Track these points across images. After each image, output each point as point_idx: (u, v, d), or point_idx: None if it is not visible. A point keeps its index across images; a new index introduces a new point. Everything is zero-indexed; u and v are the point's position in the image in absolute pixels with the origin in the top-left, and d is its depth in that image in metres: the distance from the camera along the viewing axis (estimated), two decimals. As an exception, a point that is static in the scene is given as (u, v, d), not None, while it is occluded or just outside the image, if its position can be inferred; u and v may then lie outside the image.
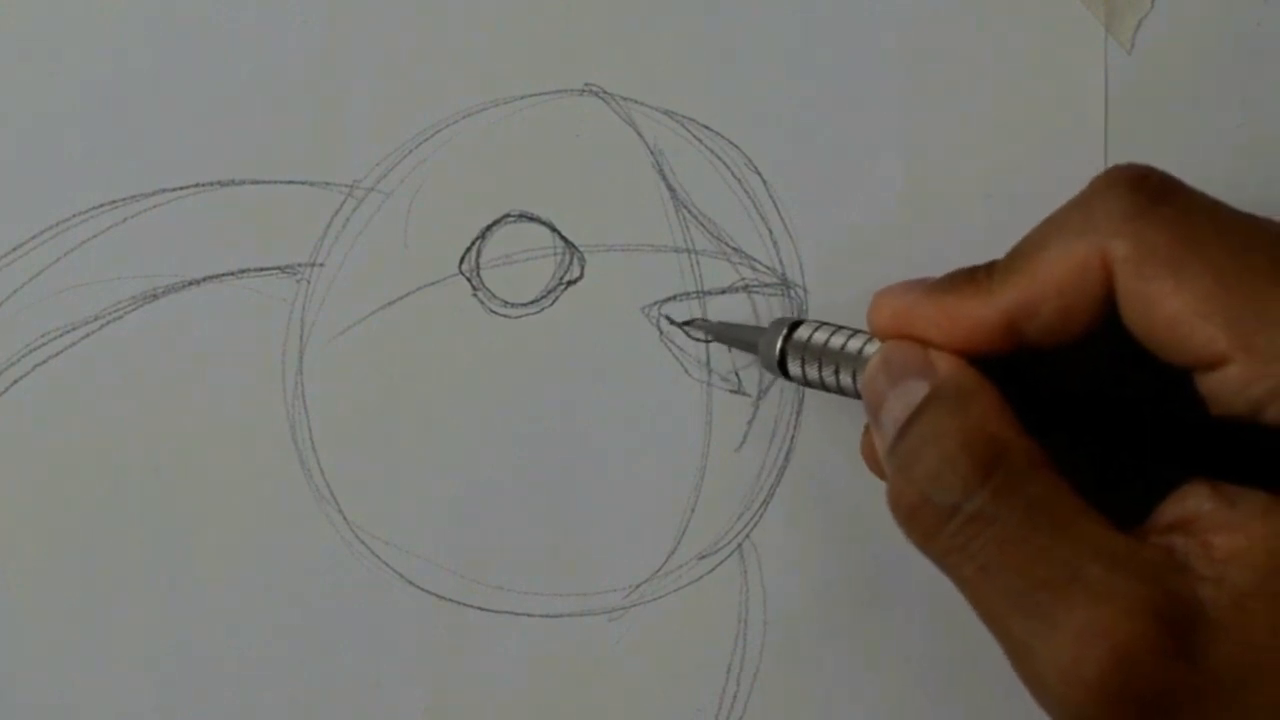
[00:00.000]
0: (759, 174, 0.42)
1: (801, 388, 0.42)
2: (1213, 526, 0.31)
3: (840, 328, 0.38)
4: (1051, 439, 0.33)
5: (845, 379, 0.37)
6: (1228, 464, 0.32)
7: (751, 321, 0.42)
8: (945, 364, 0.34)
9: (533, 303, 0.42)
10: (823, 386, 0.38)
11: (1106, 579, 0.30)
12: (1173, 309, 0.31)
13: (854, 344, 0.37)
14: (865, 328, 0.38)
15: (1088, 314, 0.33)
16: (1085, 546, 0.30)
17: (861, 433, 0.38)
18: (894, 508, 0.33)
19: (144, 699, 0.41)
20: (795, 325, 0.38)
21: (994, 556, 0.31)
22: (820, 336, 0.38)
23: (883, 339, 0.36)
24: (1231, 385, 0.31)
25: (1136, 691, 0.29)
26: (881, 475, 0.35)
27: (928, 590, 0.42)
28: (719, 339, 0.41)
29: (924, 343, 0.35)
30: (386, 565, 0.41)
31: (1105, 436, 0.34)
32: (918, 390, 0.34)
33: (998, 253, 0.36)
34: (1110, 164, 0.42)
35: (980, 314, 0.34)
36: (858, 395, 0.37)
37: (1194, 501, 0.31)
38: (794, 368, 0.38)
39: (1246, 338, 0.31)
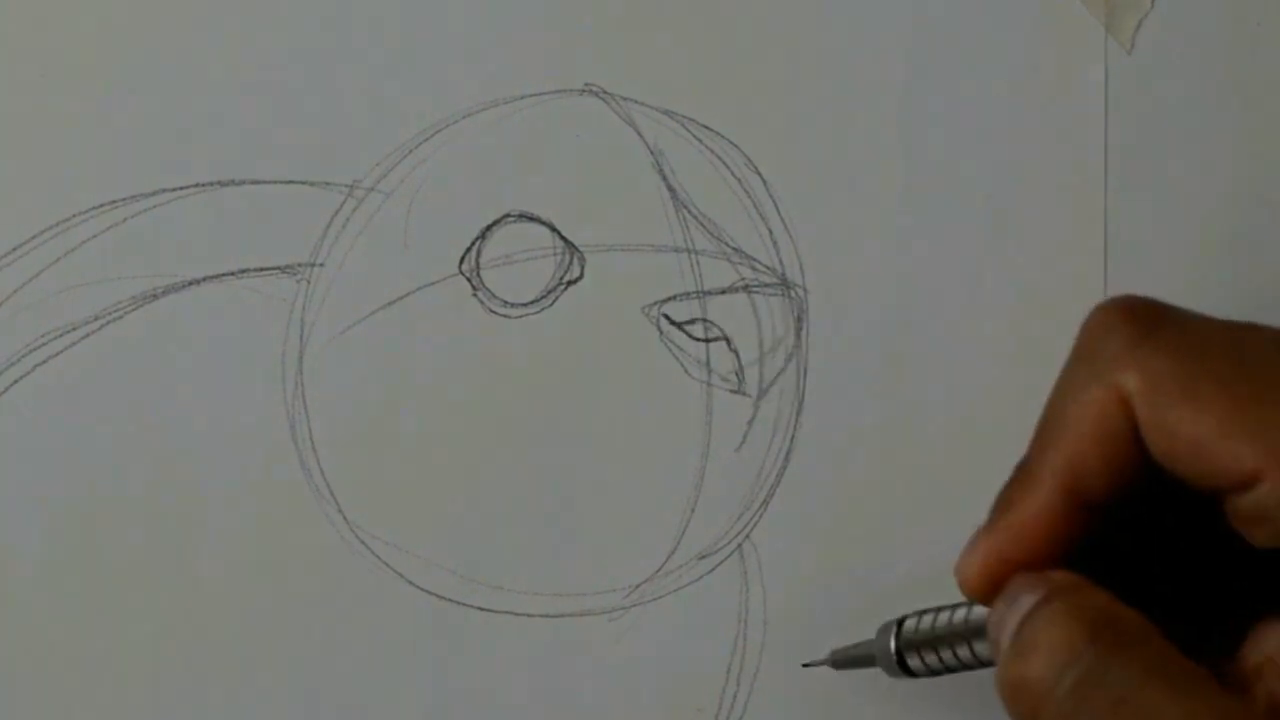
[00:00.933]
0: (759, 174, 0.42)
1: (800, 395, 0.42)
2: None
3: (941, 608, 0.37)
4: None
5: (964, 651, 0.36)
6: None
7: (750, 320, 0.42)
8: (1058, 574, 0.33)
9: (533, 303, 0.42)
10: (953, 669, 0.37)
11: None
12: (1194, 433, 0.31)
13: (960, 614, 0.36)
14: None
15: (1131, 453, 0.32)
16: (1204, 705, 0.30)
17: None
18: (1000, 690, 0.32)
19: (144, 698, 0.41)
20: (900, 623, 0.37)
21: (1107, 717, 0.30)
22: (926, 622, 0.37)
23: (983, 599, 0.35)
24: (1267, 501, 0.30)
25: None
26: None
27: (928, 590, 0.42)
28: (837, 667, 0.40)
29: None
30: (386, 565, 0.41)
31: (1170, 591, 0.34)
32: (1031, 599, 0.33)
33: (997, 253, 0.36)
34: (1110, 164, 0.42)
35: (1040, 503, 0.33)
36: (982, 664, 0.36)
37: (1275, 638, 0.31)
38: (914, 662, 0.37)
39: (1275, 451, 0.30)
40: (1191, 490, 0.32)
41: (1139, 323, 0.32)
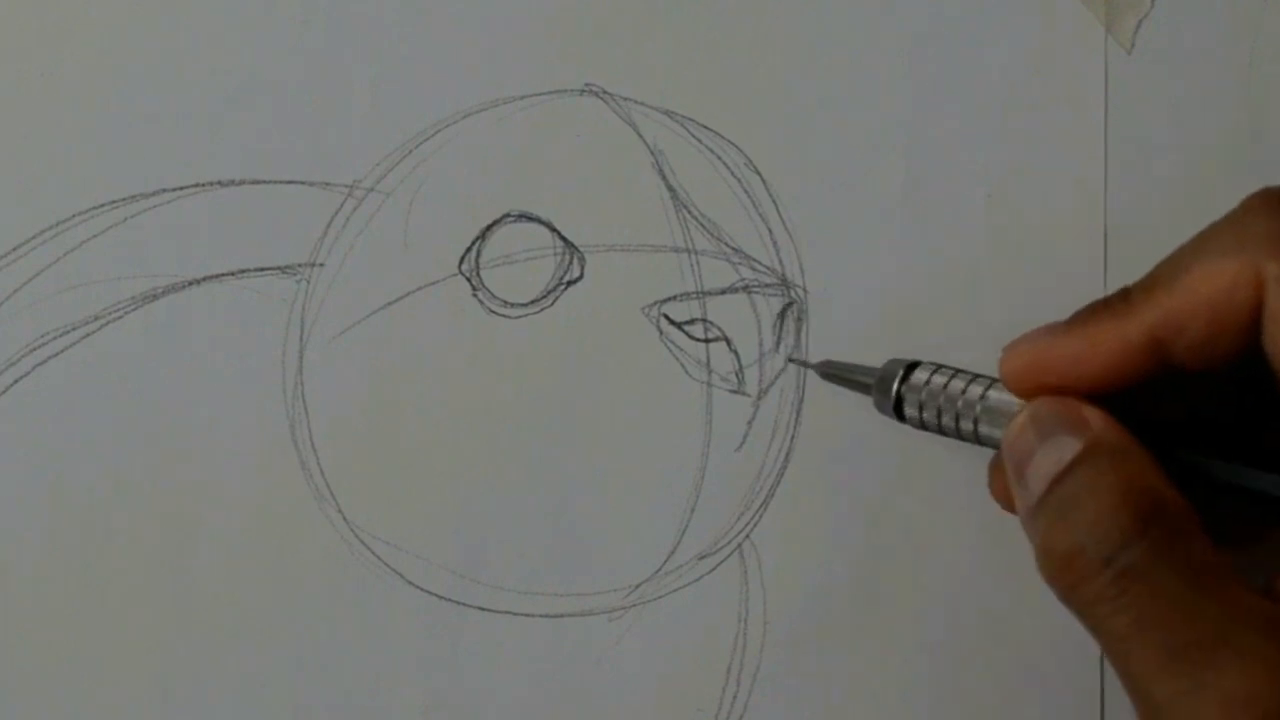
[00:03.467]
0: (759, 174, 0.42)
1: (800, 395, 0.42)
2: None
3: (959, 371, 0.37)
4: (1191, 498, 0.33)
5: (967, 425, 0.36)
6: None
7: (751, 322, 0.42)
8: (1098, 420, 0.33)
9: (533, 303, 0.42)
10: (940, 431, 0.37)
11: (1260, 644, 0.29)
12: None
13: (976, 389, 0.36)
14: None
15: (1237, 334, 0.32)
16: (1237, 609, 0.30)
17: (989, 472, 0.38)
18: (1044, 555, 0.33)
19: (143, 698, 0.41)
20: (912, 367, 0.38)
21: (1146, 611, 0.30)
22: (939, 380, 0.37)
23: (1017, 387, 0.35)
24: None
25: None
26: (1010, 511, 0.34)
27: (928, 590, 0.42)
28: (829, 378, 0.41)
29: (1065, 391, 0.34)
30: (386, 565, 0.41)
31: (1240, 494, 0.33)
32: (1070, 446, 0.33)
33: (997, 253, 0.36)
34: (1110, 164, 0.42)
35: (1124, 334, 0.33)
36: (979, 443, 0.36)
37: None
38: (910, 411, 0.37)
39: None
40: None
41: None
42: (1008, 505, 0.36)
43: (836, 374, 0.41)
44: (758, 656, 0.42)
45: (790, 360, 0.41)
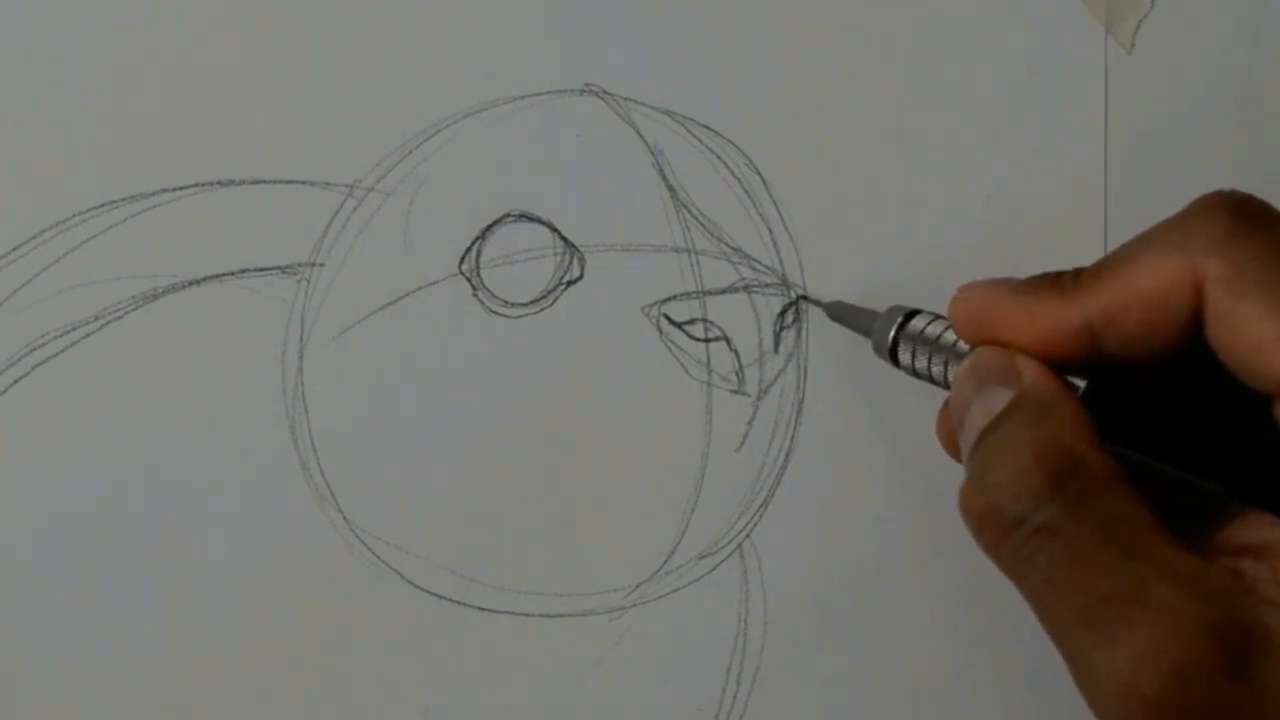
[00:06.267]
0: (759, 174, 0.42)
1: (800, 395, 0.42)
2: None
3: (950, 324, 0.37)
4: (1130, 454, 0.33)
5: (939, 370, 0.37)
6: None
7: (750, 320, 0.42)
8: (1030, 372, 0.34)
9: (533, 303, 0.42)
10: (930, 379, 0.37)
11: (1170, 598, 0.30)
12: (1259, 333, 0.31)
13: (952, 336, 0.37)
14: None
15: (1171, 331, 0.33)
16: (1152, 564, 0.30)
17: (938, 415, 0.38)
18: (964, 512, 0.33)
19: (143, 698, 0.41)
20: (911, 315, 0.38)
21: (1060, 569, 0.31)
22: (934, 330, 0.37)
23: (963, 331, 0.36)
24: None
25: (1192, 710, 0.29)
26: (955, 458, 0.35)
27: (928, 590, 0.42)
28: (833, 318, 0.41)
29: (1005, 344, 0.34)
30: (386, 565, 0.41)
31: (1182, 456, 0.34)
32: (1000, 398, 0.33)
33: (997, 253, 0.36)
34: (1110, 164, 0.43)
35: (1061, 315, 0.34)
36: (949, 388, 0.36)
37: (1268, 529, 0.32)
38: (904, 357, 0.37)
39: None
40: (1243, 384, 0.32)
41: (1242, 218, 0.32)
42: (952, 451, 0.36)
43: (840, 315, 0.41)
44: (758, 656, 0.42)
45: (801, 299, 0.41)
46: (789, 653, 0.42)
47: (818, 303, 0.41)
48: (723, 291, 0.42)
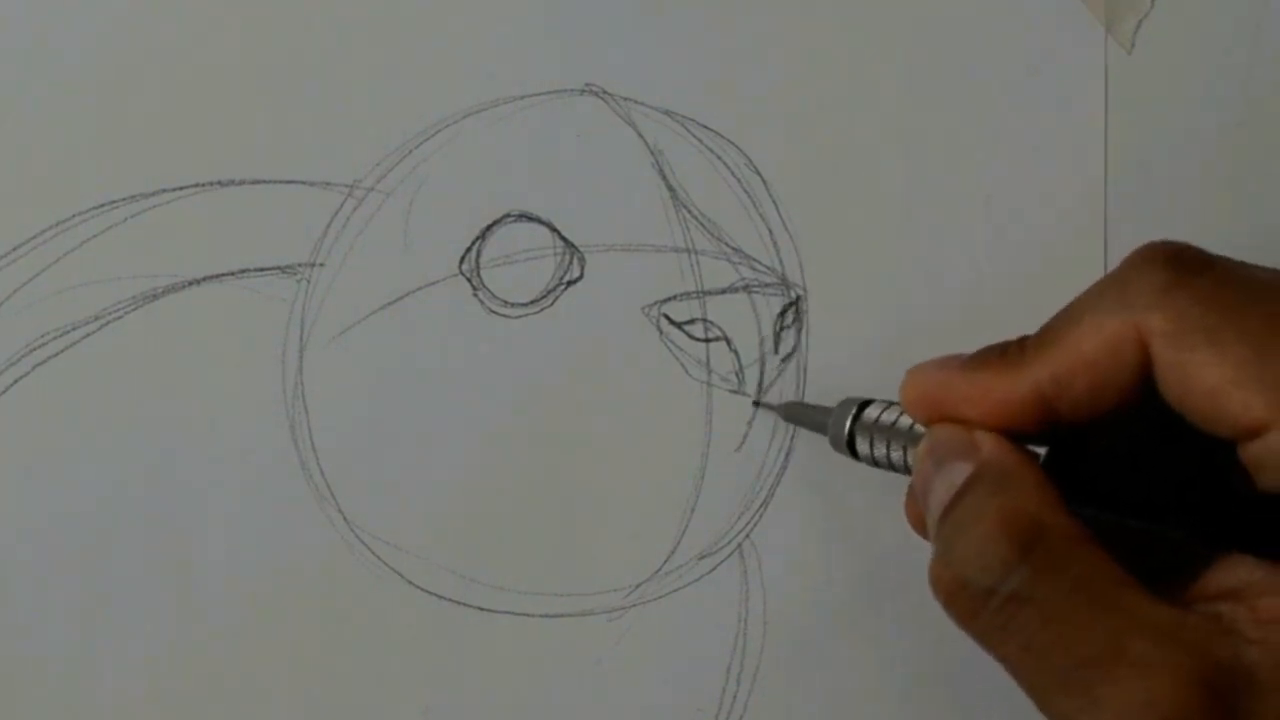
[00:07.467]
0: (759, 174, 0.42)
1: (800, 395, 0.42)
2: (1260, 591, 0.31)
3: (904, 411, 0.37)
4: (1096, 513, 0.33)
5: (897, 455, 0.36)
6: (1271, 535, 0.32)
7: (751, 322, 0.42)
8: (988, 444, 0.34)
9: (533, 303, 0.42)
10: (890, 467, 0.37)
11: (1151, 652, 0.29)
12: (1210, 379, 0.31)
13: (907, 420, 0.36)
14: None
15: (1122, 389, 0.32)
16: (1129, 620, 0.30)
17: (905, 499, 0.38)
18: (934, 588, 0.33)
19: (143, 698, 0.41)
20: (864, 405, 0.38)
21: (1035, 636, 0.31)
22: (888, 417, 0.37)
23: (914, 414, 0.35)
24: (1273, 452, 0.31)
25: None
26: (924, 537, 0.35)
27: (927, 590, 0.42)
28: (788, 419, 0.41)
29: (964, 422, 0.34)
30: (386, 565, 0.41)
31: (1150, 508, 0.34)
32: (960, 472, 0.33)
33: (997, 253, 0.36)
34: (1110, 164, 0.43)
35: (1011, 387, 0.33)
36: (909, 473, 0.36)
37: (1243, 570, 0.31)
38: (863, 447, 0.37)
39: None
40: (1201, 432, 0.32)
41: (1179, 268, 0.32)
42: (923, 534, 0.36)
43: (795, 416, 0.41)
44: (758, 656, 0.42)
45: (755, 405, 0.41)
46: (789, 653, 0.42)
47: (771, 407, 0.41)
48: (723, 291, 0.42)
